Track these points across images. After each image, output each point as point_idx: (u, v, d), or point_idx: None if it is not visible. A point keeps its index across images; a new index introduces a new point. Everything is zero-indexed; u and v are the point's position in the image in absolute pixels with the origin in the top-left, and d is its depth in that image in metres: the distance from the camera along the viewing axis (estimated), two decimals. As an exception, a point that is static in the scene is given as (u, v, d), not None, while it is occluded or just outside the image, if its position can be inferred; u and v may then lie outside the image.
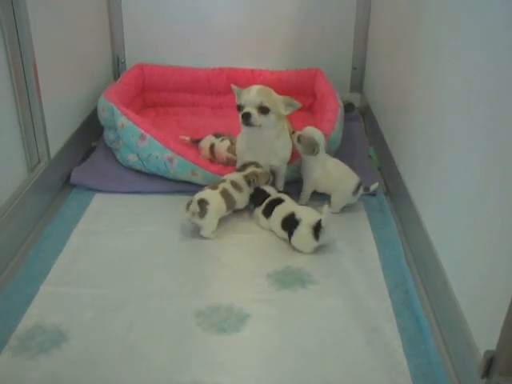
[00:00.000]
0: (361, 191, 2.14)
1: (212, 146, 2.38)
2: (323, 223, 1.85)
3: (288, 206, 2.00)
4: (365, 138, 2.81)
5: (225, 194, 2.02)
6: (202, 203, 1.94)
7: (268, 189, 2.09)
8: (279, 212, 1.98)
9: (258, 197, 2.08)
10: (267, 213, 2.02)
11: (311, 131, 2.15)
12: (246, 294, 1.73)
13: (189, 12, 3.03)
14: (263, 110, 1.98)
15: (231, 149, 2.28)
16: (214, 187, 2.03)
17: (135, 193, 2.26)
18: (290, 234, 1.92)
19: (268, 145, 2.07)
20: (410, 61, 2.17)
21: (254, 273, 1.82)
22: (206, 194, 1.99)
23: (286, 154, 2.16)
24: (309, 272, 1.83)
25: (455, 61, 1.66)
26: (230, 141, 2.31)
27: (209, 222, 1.96)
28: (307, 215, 1.92)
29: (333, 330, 1.60)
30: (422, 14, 2.04)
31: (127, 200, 2.22)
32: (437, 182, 1.77)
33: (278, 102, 2.04)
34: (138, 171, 2.37)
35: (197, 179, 2.22)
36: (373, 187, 2.17)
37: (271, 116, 2.00)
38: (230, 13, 3.04)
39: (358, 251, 1.95)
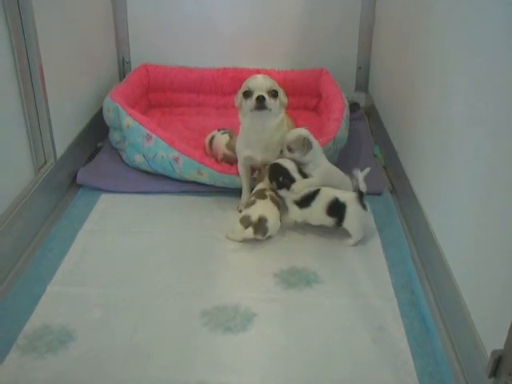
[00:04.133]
0: (355, 183, 2.07)
1: (212, 138, 2.39)
2: (363, 189, 1.93)
3: (327, 192, 1.99)
4: (370, 137, 2.81)
5: (274, 199, 2.02)
6: (263, 222, 1.93)
7: (286, 164, 2.03)
8: (322, 200, 1.98)
9: (277, 175, 2.03)
10: (303, 204, 2.00)
11: (293, 131, 2.10)
12: (252, 294, 1.73)
13: (194, 12, 3.04)
14: (273, 94, 2.00)
15: (229, 145, 2.29)
16: (262, 196, 2.01)
17: (141, 193, 2.27)
18: (341, 219, 1.95)
19: (267, 137, 2.06)
20: (415, 60, 2.17)
21: (260, 272, 1.82)
22: (260, 207, 1.97)
23: None
24: (315, 271, 1.83)
25: (461, 60, 1.66)
26: (230, 136, 2.31)
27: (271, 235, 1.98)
28: (346, 194, 1.97)
29: (339, 329, 1.60)
30: (427, 13, 2.04)
31: (133, 200, 2.22)
32: (443, 181, 1.76)
33: (280, 90, 2.06)
34: (144, 171, 2.37)
35: (203, 179, 2.23)
36: (364, 173, 2.09)
37: (277, 101, 2.02)
38: (235, 13, 3.05)
39: (363, 250, 1.94)
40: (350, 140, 2.53)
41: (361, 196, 1.95)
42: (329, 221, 1.98)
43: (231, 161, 2.26)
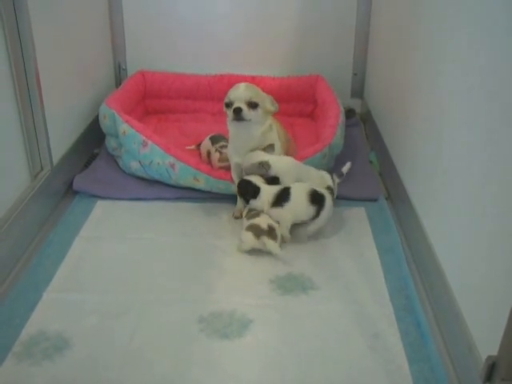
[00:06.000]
0: (336, 180, 2.12)
1: (209, 153, 2.40)
2: (334, 179, 2.08)
3: (301, 185, 2.01)
4: (366, 144, 2.83)
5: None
6: (272, 229, 1.93)
7: (252, 179, 2.02)
8: (300, 192, 1.98)
9: (244, 191, 2.03)
10: (279, 202, 1.98)
11: (247, 158, 2.07)
12: (249, 300, 1.73)
13: (190, 19, 3.05)
14: (252, 105, 2.00)
15: (221, 158, 2.30)
16: (257, 214, 1.99)
17: (137, 199, 2.27)
18: (320, 208, 1.98)
19: (254, 145, 2.07)
20: (410, 66, 2.18)
21: (256, 278, 1.83)
22: (266, 217, 1.96)
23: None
24: (310, 277, 1.83)
25: (455, 67, 1.67)
26: (220, 152, 2.32)
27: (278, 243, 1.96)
28: (321, 188, 2.03)
29: (334, 335, 1.60)
30: (421, 20, 2.05)
31: (130, 207, 2.23)
32: (438, 187, 1.77)
33: (265, 98, 2.06)
34: (140, 178, 2.38)
35: (199, 185, 2.23)
36: (345, 168, 2.14)
37: (259, 111, 2.02)
38: (231, 20, 3.06)
39: (359, 256, 1.95)
40: (345, 146, 2.54)
41: (332, 192, 2.04)
42: (311, 210, 1.98)
43: (227, 168, 2.27)
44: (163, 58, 3.10)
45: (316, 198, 1.98)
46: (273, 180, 2.03)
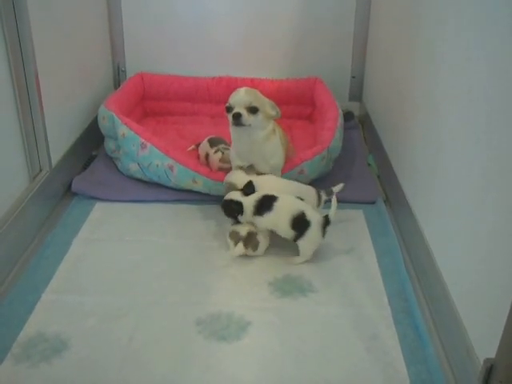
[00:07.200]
0: (324, 198, 2.05)
1: (207, 155, 2.40)
2: (331, 217, 1.88)
3: (293, 202, 1.92)
4: (364, 147, 2.83)
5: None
6: (252, 236, 1.92)
7: (230, 196, 1.99)
8: (285, 209, 1.90)
9: (231, 207, 1.97)
10: (261, 211, 1.92)
11: (227, 178, 2.09)
12: (247, 302, 1.73)
13: (189, 21, 3.05)
14: (252, 110, 1.99)
15: (223, 159, 2.31)
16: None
17: (136, 201, 2.27)
18: (300, 235, 1.89)
19: (257, 149, 2.07)
20: (409, 69, 2.19)
21: (255, 281, 1.83)
22: (248, 225, 1.95)
23: (277, 161, 2.14)
24: (309, 280, 1.84)
25: (455, 70, 1.67)
26: (222, 152, 2.33)
27: (263, 249, 1.96)
28: (314, 213, 1.90)
29: (333, 338, 1.61)
30: (421, 23, 2.06)
31: (128, 209, 2.23)
32: (436, 190, 1.78)
33: (265, 103, 2.06)
34: (139, 180, 2.38)
35: (198, 187, 2.23)
36: (336, 188, 2.08)
37: (259, 116, 2.01)
38: (230, 23, 3.06)
39: (357, 259, 1.95)
40: (343, 149, 2.55)
41: (326, 223, 1.90)
42: (290, 234, 1.91)
43: (227, 170, 2.27)
44: (162, 60, 3.11)
45: (298, 224, 1.88)
46: (248, 186, 2.00)
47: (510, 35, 1.29)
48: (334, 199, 1.95)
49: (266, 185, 2.02)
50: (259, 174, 2.08)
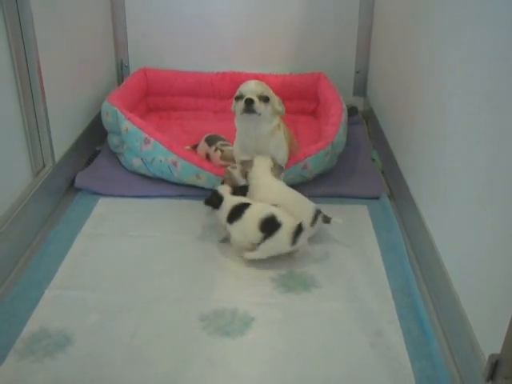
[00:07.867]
0: (320, 221, 1.95)
1: (207, 155, 2.40)
2: (305, 225, 1.82)
3: (263, 208, 1.88)
4: (368, 142, 2.82)
5: None
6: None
7: (222, 190, 1.98)
8: (253, 214, 1.86)
9: (211, 198, 1.97)
10: (231, 219, 1.90)
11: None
12: (250, 298, 1.73)
13: (193, 16, 3.05)
14: (264, 99, 2.02)
15: (223, 156, 2.30)
16: None
17: (140, 197, 2.27)
18: (267, 236, 1.83)
19: (262, 143, 2.07)
20: (413, 64, 2.18)
21: (258, 276, 1.83)
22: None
23: (282, 155, 2.14)
24: (312, 275, 1.83)
25: (458, 65, 1.67)
26: (220, 150, 2.32)
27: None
28: (287, 217, 1.84)
29: (337, 333, 1.60)
30: (425, 18, 2.05)
31: (132, 204, 2.22)
32: (440, 185, 1.77)
33: (274, 97, 2.08)
34: (143, 175, 2.38)
35: (201, 182, 2.23)
36: (335, 220, 1.97)
37: (269, 107, 2.03)
38: (233, 18, 3.06)
39: (361, 254, 1.95)
40: (348, 144, 2.54)
41: (299, 230, 1.81)
42: (258, 236, 1.84)
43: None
44: (165, 56, 3.10)
45: (267, 226, 1.82)
46: (241, 189, 2.00)
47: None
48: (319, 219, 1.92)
49: (266, 187, 2.00)
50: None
